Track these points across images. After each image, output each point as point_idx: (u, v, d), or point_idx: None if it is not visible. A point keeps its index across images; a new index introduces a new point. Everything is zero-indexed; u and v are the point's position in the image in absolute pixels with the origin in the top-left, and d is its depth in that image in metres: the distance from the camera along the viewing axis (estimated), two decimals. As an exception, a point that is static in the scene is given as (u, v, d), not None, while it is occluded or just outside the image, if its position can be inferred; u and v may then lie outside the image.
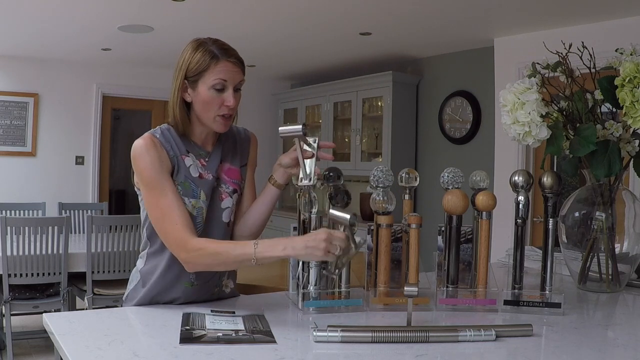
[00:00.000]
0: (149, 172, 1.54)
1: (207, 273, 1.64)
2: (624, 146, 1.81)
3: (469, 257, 1.72)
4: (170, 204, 1.52)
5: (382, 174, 1.69)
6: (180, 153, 1.60)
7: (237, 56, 1.58)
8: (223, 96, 1.56)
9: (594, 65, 1.88)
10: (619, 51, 1.82)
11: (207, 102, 1.56)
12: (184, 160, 1.60)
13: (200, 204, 1.60)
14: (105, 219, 3.95)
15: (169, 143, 1.59)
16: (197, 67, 1.54)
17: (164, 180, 1.54)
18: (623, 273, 1.92)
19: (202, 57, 1.54)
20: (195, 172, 1.61)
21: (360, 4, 3.77)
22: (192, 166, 1.61)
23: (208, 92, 1.55)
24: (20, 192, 5.57)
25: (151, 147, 1.55)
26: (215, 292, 1.69)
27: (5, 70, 5.66)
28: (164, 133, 1.61)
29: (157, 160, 1.54)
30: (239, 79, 1.58)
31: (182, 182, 1.58)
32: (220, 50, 1.55)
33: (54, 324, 1.38)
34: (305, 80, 6.77)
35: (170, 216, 1.52)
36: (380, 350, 1.29)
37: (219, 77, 1.54)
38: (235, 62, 1.56)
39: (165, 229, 1.53)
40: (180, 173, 1.59)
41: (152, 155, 1.54)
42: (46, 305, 3.67)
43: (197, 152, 1.64)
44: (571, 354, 1.29)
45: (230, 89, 1.56)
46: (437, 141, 5.28)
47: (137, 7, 3.90)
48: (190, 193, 1.58)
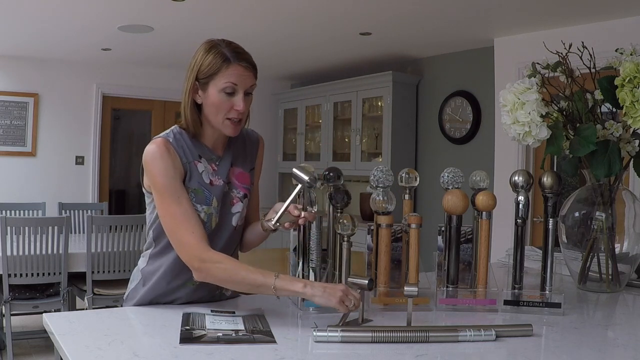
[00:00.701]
0: (163, 180, 1.52)
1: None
2: (624, 146, 1.81)
3: (469, 257, 1.72)
4: (185, 212, 1.51)
5: (382, 174, 1.69)
6: (192, 159, 1.58)
7: (250, 60, 1.56)
8: (233, 100, 1.54)
9: (594, 65, 1.88)
10: (619, 51, 1.82)
11: (216, 105, 1.54)
12: (197, 166, 1.59)
13: (212, 210, 1.58)
14: (105, 219, 3.95)
15: (182, 148, 1.57)
16: (209, 69, 1.52)
17: (178, 187, 1.53)
18: (623, 273, 1.92)
19: (214, 60, 1.52)
20: (207, 179, 1.59)
21: (360, 4, 3.77)
22: (204, 172, 1.59)
23: (218, 95, 1.53)
24: (20, 192, 5.57)
25: (165, 154, 1.52)
26: (216, 294, 1.69)
27: (5, 70, 5.66)
28: (177, 137, 1.59)
29: (171, 168, 1.52)
30: (250, 83, 1.56)
31: (195, 188, 1.57)
32: (233, 54, 1.53)
33: (54, 324, 1.38)
34: (305, 80, 6.77)
35: (186, 225, 1.50)
36: (380, 350, 1.29)
37: (229, 81, 1.52)
38: (247, 67, 1.54)
39: (180, 237, 1.51)
40: (193, 179, 1.57)
41: (166, 162, 1.52)
42: (46, 305, 3.67)
43: (208, 156, 1.62)
44: (571, 354, 1.29)
45: (240, 93, 1.54)
46: (437, 141, 5.28)
47: (137, 7, 3.90)
48: (203, 200, 1.57)
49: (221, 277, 1.49)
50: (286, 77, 6.75)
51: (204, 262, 1.48)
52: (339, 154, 5.99)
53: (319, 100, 6.19)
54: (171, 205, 1.51)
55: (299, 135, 6.47)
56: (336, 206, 1.71)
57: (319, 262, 1.61)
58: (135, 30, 4.48)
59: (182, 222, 1.50)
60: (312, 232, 1.61)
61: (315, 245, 1.60)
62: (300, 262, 1.64)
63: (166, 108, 6.46)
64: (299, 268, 1.65)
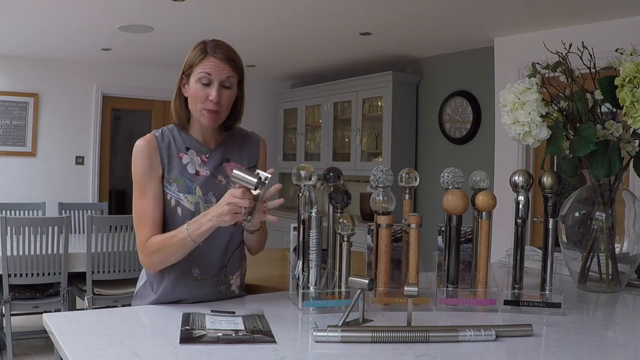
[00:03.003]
0: (138, 175, 1.64)
1: (211, 268, 1.67)
2: (624, 146, 1.81)
3: (469, 257, 1.72)
4: (145, 206, 1.63)
5: (382, 174, 1.69)
6: (177, 151, 1.67)
7: (226, 53, 1.63)
8: (208, 90, 1.61)
9: (594, 65, 1.88)
10: (619, 51, 1.82)
11: (193, 94, 1.63)
12: (182, 158, 1.67)
13: (197, 199, 1.65)
14: (105, 219, 3.95)
15: (166, 142, 1.67)
16: (190, 61, 1.64)
17: (149, 184, 1.63)
18: (623, 273, 1.92)
19: (195, 53, 1.63)
20: (192, 169, 1.67)
21: (360, 4, 3.77)
22: (189, 163, 1.67)
23: (195, 85, 1.62)
24: (20, 192, 5.57)
25: (143, 151, 1.64)
26: (222, 290, 1.70)
27: (5, 70, 5.66)
28: (164, 132, 1.70)
29: (147, 166, 1.64)
30: (225, 75, 1.62)
31: (176, 178, 1.65)
32: (211, 47, 1.63)
33: (54, 324, 1.38)
34: (305, 80, 6.77)
35: (141, 218, 1.63)
36: (380, 350, 1.29)
37: (203, 71, 1.61)
38: (222, 59, 1.62)
39: (135, 231, 1.65)
40: (174, 170, 1.65)
41: (143, 159, 1.64)
42: (46, 305, 3.67)
43: (198, 148, 1.70)
44: (571, 354, 1.29)
45: (215, 83, 1.61)
46: (437, 141, 5.28)
47: (137, 7, 3.90)
48: (185, 189, 1.64)
49: (156, 259, 1.61)
50: (286, 77, 6.75)
51: (143, 253, 1.62)
52: (339, 154, 5.99)
53: (319, 100, 6.19)
54: (136, 200, 1.65)
55: (299, 135, 6.47)
56: (336, 206, 1.71)
57: (319, 262, 1.61)
58: (135, 30, 4.48)
59: (138, 217, 1.64)
60: (312, 232, 1.61)
61: (315, 245, 1.60)
62: (300, 262, 1.64)
63: (166, 108, 6.37)
64: (299, 268, 1.65)
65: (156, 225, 1.63)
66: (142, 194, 1.63)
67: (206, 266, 1.66)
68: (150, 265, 1.64)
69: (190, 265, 1.64)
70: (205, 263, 1.66)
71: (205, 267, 1.66)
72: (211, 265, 1.67)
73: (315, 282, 1.59)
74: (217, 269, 1.68)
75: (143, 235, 1.62)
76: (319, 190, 1.69)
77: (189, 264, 1.64)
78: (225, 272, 1.70)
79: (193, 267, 1.65)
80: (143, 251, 1.62)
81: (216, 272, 1.68)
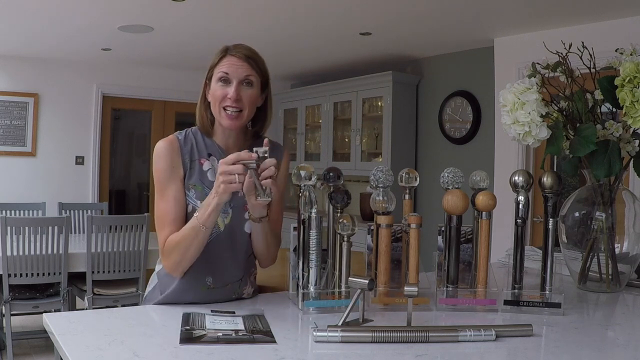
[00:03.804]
0: (159, 176, 1.61)
1: (225, 275, 1.64)
2: (624, 146, 1.81)
3: (469, 257, 1.72)
4: (165, 208, 1.59)
5: (382, 174, 1.69)
6: (199, 156, 1.64)
7: (244, 52, 1.61)
8: (227, 89, 1.59)
9: (594, 65, 1.88)
10: (619, 51, 1.82)
11: (213, 94, 1.61)
12: (203, 164, 1.64)
13: None
14: (105, 219, 3.95)
15: (188, 146, 1.64)
16: (211, 64, 1.63)
17: (170, 185, 1.60)
18: (623, 273, 1.92)
19: (216, 56, 1.63)
20: (212, 177, 1.62)
21: (360, 4, 3.77)
22: (209, 170, 1.64)
23: (215, 85, 1.61)
24: (20, 192, 5.57)
25: (166, 151, 1.61)
26: (233, 298, 1.69)
27: (5, 70, 5.66)
28: (188, 135, 1.67)
29: (168, 167, 1.61)
30: (244, 73, 1.59)
31: (195, 184, 1.62)
32: (231, 47, 1.62)
33: (54, 324, 1.38)
34: (305, 80, 6.77)
35: (163, 220, 1.60)
36: (380, 350, 1.29)
37: (221, 70, 1.60)
38: (240, 57, 1.60)
39: (157, 232, 1.62)
40: (194, 177, 1.62)
41: (165, 160, 1.61)
42: (46, 305, 3.68)
43: (220, 155, 1.64)
44: (571, 354, 1.29)
45: (234, 82, 1.59)
46: (437, 141, 5.28)
47: (137, 7, 3.90)
48: (203, 196, 1.58)
49: (175, 258, 1.57)
50: (286, 77, 6.75)
51: (164, 256, 1.60)
52: (339, 154, 5.99)
53: (319, 100, 6.19)
54: (157, 201, 1.62)
55: (299, 135, 6.47)
56: (336, 206, 1.71)
57: (319, 262, 1.61)
58: (135, 30, 4.48)
59: (159, 218, 1.61)
60: (312, 232, 1.60)
61: (315, 245, 1.60)
62: (300, 262, 1.64)
63: (166, 108, 6.46)
64: (298, 268, 1.65)
65: (177, 227, 1.58)
66: (163, 195, 1.60)
67: (222, 276, 1.63)
68: (171, 266, 1.59)
69: (205, 273, 1.61)
70: (222, 273, 1.64)
71: (220, 277, 1.63)
72: (228, 275, 1.64)
73: (315, 282, 1.59)
74: (231, 277, 1.66)
75: (162, 237, 1.59)
76: (319, 190, 1.69)
77: (204, 273, 1.60)
78: (240, 284, 1.69)
79: (207, 275, 1.62)
80: (163, 254, 1.59)
81: (230, 280, 1.66)
